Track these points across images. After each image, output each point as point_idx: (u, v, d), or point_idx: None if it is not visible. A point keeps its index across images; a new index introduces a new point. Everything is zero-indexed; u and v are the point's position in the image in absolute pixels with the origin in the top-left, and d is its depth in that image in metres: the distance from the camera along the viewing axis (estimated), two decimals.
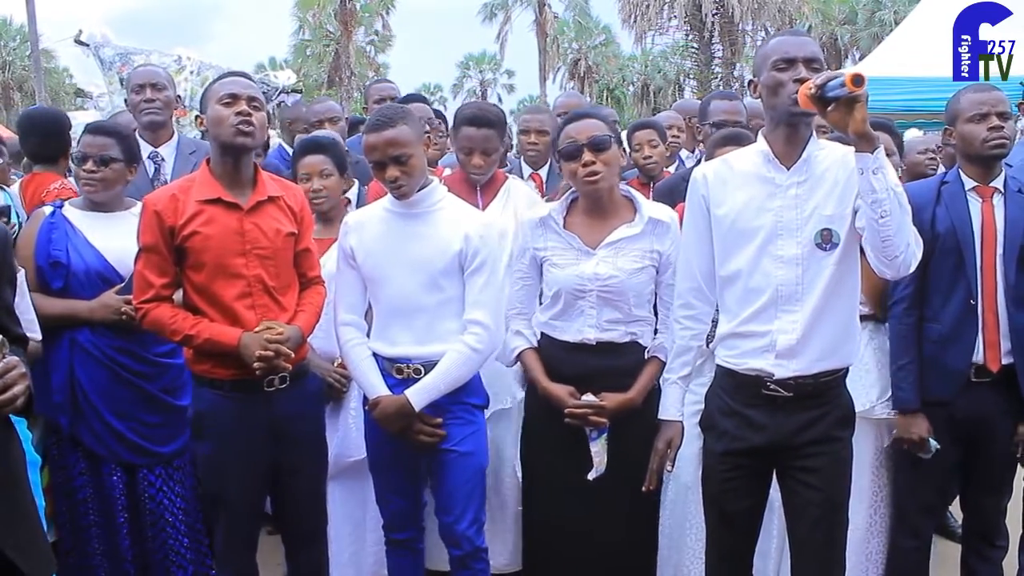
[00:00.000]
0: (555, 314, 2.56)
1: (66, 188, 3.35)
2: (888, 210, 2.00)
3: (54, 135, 3.59)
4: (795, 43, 2.16)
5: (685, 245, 2.42)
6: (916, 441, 2.72)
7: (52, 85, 23.87)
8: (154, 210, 2.44)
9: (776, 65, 2.14)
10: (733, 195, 2.27)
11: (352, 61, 34.04)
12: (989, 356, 2.67)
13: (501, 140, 3.13)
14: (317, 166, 3.06)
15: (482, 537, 2.63)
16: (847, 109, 1.96)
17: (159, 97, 3.55)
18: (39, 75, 16.58)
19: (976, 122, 2.69)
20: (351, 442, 2.94)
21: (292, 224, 2.56)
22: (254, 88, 2.52)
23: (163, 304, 2.47)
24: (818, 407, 2.25)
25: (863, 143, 2.00)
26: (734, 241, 2.27)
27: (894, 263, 2.07)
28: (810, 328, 2.19)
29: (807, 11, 30.78)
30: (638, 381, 2.51)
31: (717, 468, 2.37)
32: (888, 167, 2.02)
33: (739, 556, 2.44)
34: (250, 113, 2.43)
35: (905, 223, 2.03)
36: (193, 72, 5.06)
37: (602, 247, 2.51)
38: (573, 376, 2.52)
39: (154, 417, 2.83)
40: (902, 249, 2.04)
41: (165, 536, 2.84)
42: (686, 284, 2.41)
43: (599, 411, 2.47)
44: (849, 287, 2.23)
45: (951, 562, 3.01)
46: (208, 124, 2.49)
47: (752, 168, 2.26)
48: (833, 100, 1.96)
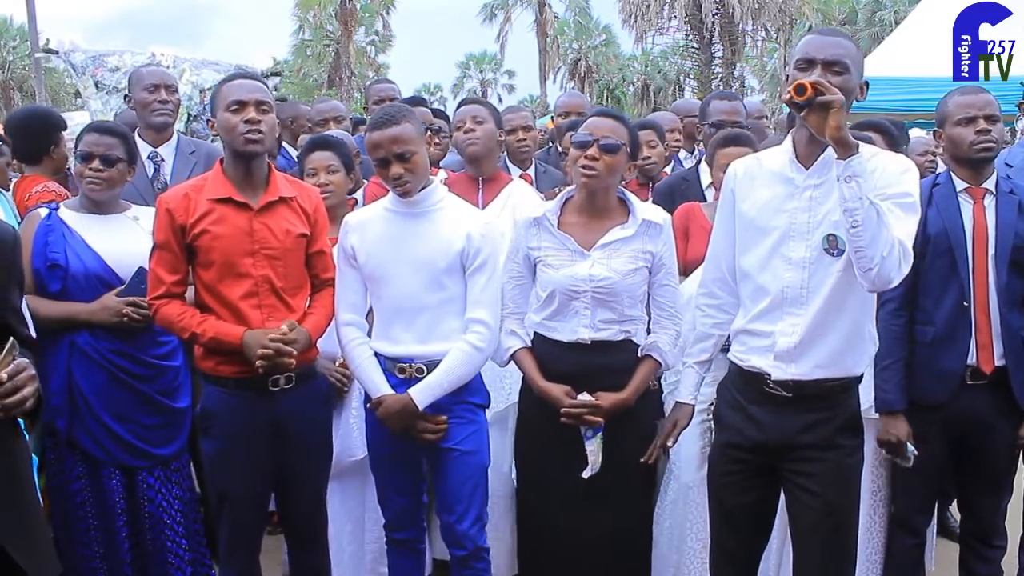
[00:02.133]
0: (549, 314, 2.57)
1: (48, 191, 3.34)
2: (859, 220, 1.97)
3: (35, 135, 3.59)
4: (819, 44, 2.13)
5: (714, 236, 2.43)
6: (894, 444, 2.71)
7: (52, 85, 23.85)
8: (166, 208, 2.48)
9: (797, 65, 2.14)
10: (757, 192, 2.27)
11: (352, 61, 34.00)
12: (982, 358, 2.67)
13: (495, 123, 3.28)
14: (324, 162, 3.10)
15: (484, 536, 2.63)
16: (822, 115, 1.97)
17: (172, 99, 3.59)
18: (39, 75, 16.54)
19: (963, 125, 2.70)
20: (352, 441, 2.95)
21: (304, 225, 2.57)
22: (262, 91, 2.53)
23: (174, 301, 2.50)
24: (822, 411, 2.24)
25: (838, 149, 1.99)
26: (751, 238, 2.28)
27: (868, 275, 2.03)
28: (811, 333, 2.19)
29: (807, 11, 30.75)
30: (632, 381, 2.52)
31: (719, 460, 2.40)
32: (865, 176, 1.98)
33: (741, 558, 2.44)
34: (259, 120, 2.45)
35: (880, 235, 1.98)
36: (170, 68, 5.06)
37: (596, 248, 2.52)
38: (568, 374, 2.52)
39: (152, 419, 2.82)
40: (876, 262, 1.99)
41: (164, 538, 2.84)
42: (712, 274, 2.43)
43: (595, 410, 2.47)
44: (858, 296, 2.19)
45: (951, 562, 3.01)
46: (218, 130, 2.52)
47: (778, 167, 2.26)
48: (805, 106, 1.98)
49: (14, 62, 34.77)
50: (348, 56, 33.66)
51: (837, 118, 1.96)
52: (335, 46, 33.96)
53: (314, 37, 34.73)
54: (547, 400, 2.52)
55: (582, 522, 2.56)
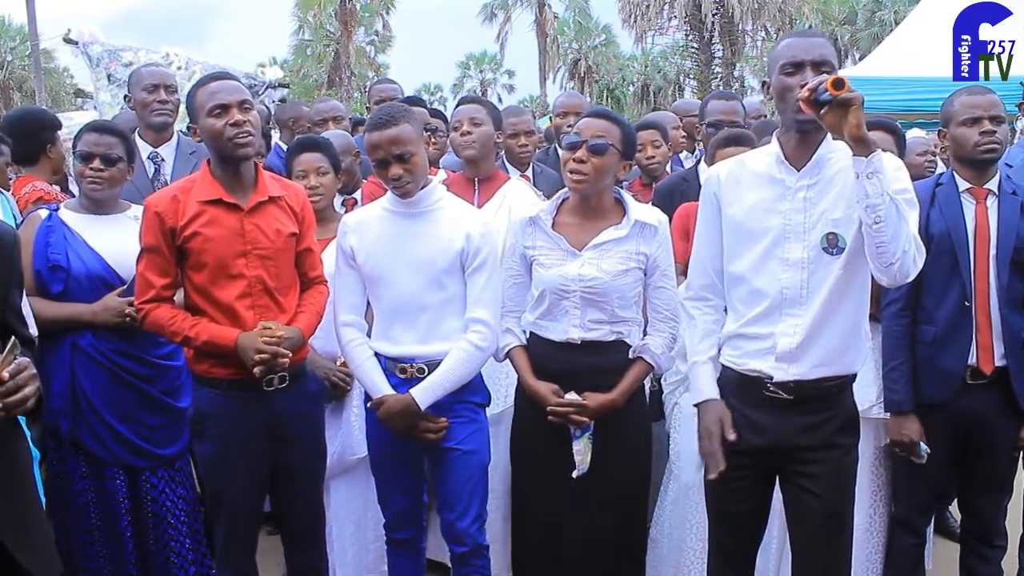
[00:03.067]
0: (541, 313, 2.57)
1: (36, 191, 3.34)
2: (882, 216, 1.99)
3: (30, 136, 3.59)
4: (803, 46, 2.14)
5: (697, 242, 2.42)
6: (907, 443, 2.72)
7: (52, 85, 23.87)
8: (155, 211, 2.45)
9: (784, 69, 2.13)
10: (744, 195, 2.26)
11: (352, 61, 34.00)
12: (982, 358, 2.67)
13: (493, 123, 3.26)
14: (313, 164, 3.07)
15: (484, 534, 2.64)
16: (841, 113, 1.96)
17: (172, 99, 3.58)
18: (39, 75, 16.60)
19: (968, 126, 2.69)
20: (354, 440, 2.95)
21: (293, 224, 2.56)
22: (240, 90, 2.51)
23: (163, 305, 2.48)
24: (820, 411, 2.24)
25: (858, 147, 1.99)
26: (742, 242, 2.27)
27: (889, 270, 2.05)
28: (812, 333, 2.19)
29: (807, 11, 30.75)
30: (622, 382, 2.51)
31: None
32: (885, 172, 2.00)
33: (740, 560, 2.44)
34: (244, 120, 2.42)
35: (901, 230, 2.01)
36: (181, 68, 5.07)
37: (588, 249, 2.51)
38: (559, 373, 2.52)
39: (155, 419, 2.83)
40: (898, 256, 2.02)
41: (168, 538, 2.85)
42: (700, 280, 2.40)
43: (581, 410, 2.46)
44: (856, 293, 2.20)
45: (951, 562, 3.01)
46: (203, 137, 2.50)
47: (764, 169, 2.25)
48: (826, 104, 1.96)
49: (13, 62, 34.77)
50: (348, 56, 33.65)
51: (858, 115, 1.96)
52: (335, 46, 33.96)
53: (314, 37, 34.73)
54: (535, 398, 2.52)
55: (572, 522, 2.55)
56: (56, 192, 3.50)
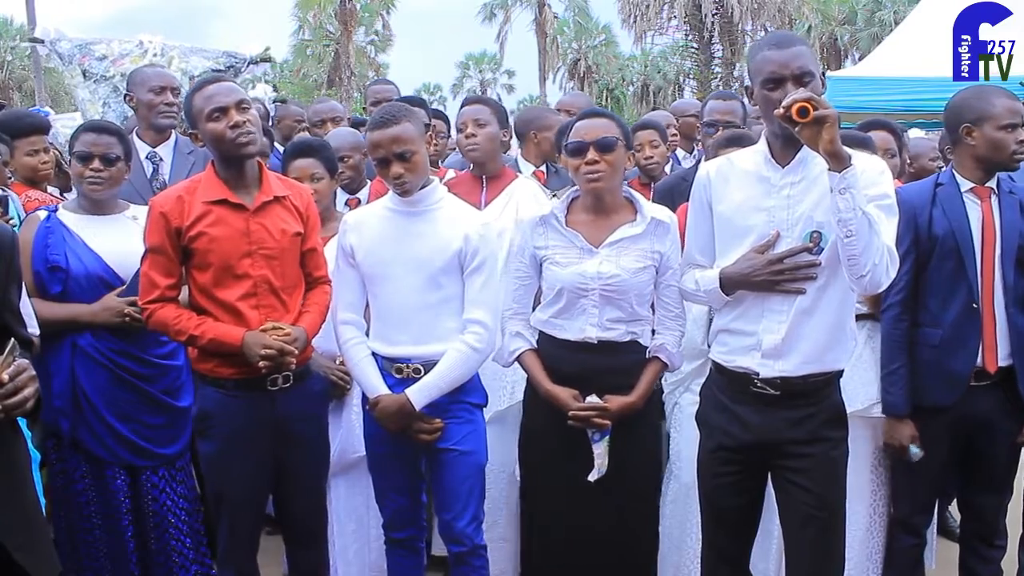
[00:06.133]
0: (556, 312, 2.56)
1: (31, 201, 3.31)
2: (853, 231, 2.02)
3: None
4: (782, 60, 2.13)
5: (688, 241, 2.43)
6: (898, 447, 2.73)
7: (51, 85, 23.81)
8: (160, 211, 2.45)
9: (765, 85, 2.14)
10: (732, 193, 2.28)
11: (352, 61, 34.01)
12: (987, 358, 2.66)
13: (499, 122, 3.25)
14: (308, 169, 3.03)
15: (481, 535, 2.63)
16: (817, 129, 1.99)
17: (177, 101, 3.58)
18: (39, 75, 16.58)
19: (1008, 131, 2.63)
20: (355, 439, 2.94)
21: (298, 224, 2.56)
22: (236, 90, 2.51)
23: (168, 305, 2.48)
24: (807, 406, 2.26)
25: (833, 162, 2.02)
26: (729, 239, 2.29)
27: (860, 281, 2.10)
28: (796, 330, 2.21)
29: (807, 11, 30.78)
30: (640, 383, 2.51)
31: (709, 464, 2.39)
32: (858, 187, 2.02)
33: (735, 557, 2.45)
34: (244, 120, 2.42)
35: (872, 244, 2.04)
36: (157, 55, 5.01)
37: (605, 246, 2.51)
38: (573, 375, 2.51)
39: (156, 419, 2.82)
40: (868, 268, 2.06)
41: (168, 537, 2.84)
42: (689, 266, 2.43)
43: (603, 413, 2.47)
44: (839, 291, 2.22)
45: (951, 562, 3.01)
46: (205, 141, 2.50)
47: (752, 167, 2.27)
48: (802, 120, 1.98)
49: (13, 62, 34.78)
50: (348, 56, 33.67)
51: (832, 132, 1.99)
52: (335, 46, 33.98)
53: (314, 37, 34.75)
54: (554, 403, 2.51)
55: (587, 524, 2.55)
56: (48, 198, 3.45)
